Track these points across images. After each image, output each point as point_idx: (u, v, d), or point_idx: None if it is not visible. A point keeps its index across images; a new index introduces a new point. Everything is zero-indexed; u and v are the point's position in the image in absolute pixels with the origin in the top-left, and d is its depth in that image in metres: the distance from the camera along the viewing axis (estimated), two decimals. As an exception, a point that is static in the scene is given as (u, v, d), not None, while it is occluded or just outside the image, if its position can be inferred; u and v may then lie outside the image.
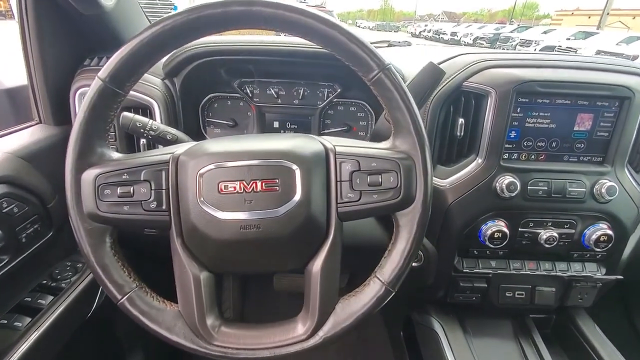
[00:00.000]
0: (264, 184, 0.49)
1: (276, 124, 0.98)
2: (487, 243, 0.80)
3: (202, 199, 0.49)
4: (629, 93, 0.74)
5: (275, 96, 0.94)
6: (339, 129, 0.97)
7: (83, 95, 0.77)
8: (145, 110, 0.82)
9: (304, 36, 0.49)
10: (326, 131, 0.98)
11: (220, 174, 0.49)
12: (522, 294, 0.89)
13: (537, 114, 0.77)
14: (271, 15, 0.46)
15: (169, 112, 0.83)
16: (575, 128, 0.78)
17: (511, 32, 17.52)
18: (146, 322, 0.50)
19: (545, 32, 15.30)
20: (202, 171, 0.49)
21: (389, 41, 1.43)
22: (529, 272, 0.87)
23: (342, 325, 0.51)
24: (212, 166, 0.49)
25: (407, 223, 0.52)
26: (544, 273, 0.87)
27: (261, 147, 0.51)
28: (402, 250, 0.51)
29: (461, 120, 0.78)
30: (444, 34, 23.07)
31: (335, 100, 0.93)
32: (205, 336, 0.50)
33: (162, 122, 0.82)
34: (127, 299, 0.50)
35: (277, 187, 0.49)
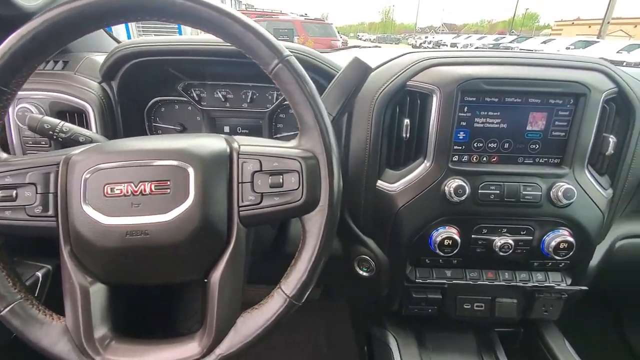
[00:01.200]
0: (153, 185, 0.45)
1: (227, 129, 0.95)
2: (438, 251, 0.75)
3: (86, 202, 0.45)
4: (583, 89, 0.70)
5: (223, 100, 0.91)
6: (292, 132, 0.94)
7: None
8: (80, 114, 0.79)
9: (196, 25, 0.45)
10: (278, 135, 0.95)
11: (107, 175, 0.45)
12: (481, 306, 0.83)
13: (485, 113, 0.73)
14: (160, 5, 0.43)
15: (106, 116, 0.80)
16: (528, 128, 0.74)
17: (511, 42, 17.63)
18: (27, 335, 0.45)
19: (544, 42, 15.37)
20: (87, 172, 0.45)
21: (358, 46, 1.42)
22: (487, 283, 0.81)
23: (242, 343, 0.46)
24: (98, 167, 0.45)
25: (313, 228, 0.47)
26: (504, 283, 0.81)
27: (153, 146, 0.47)
28: (307, 259, 0.47)
29: (407, 121, 0.74)
30: (444, 45, 23.30)
31: (285, 103, 0.90)
32: (90, 352, 0.46)
33: (98, 127, 0.79)
34: (9, 310, 0.46)
35: (169, 190, 0.45)
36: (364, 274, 0.86)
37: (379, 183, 0.78)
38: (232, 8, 0.45)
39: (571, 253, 0.75)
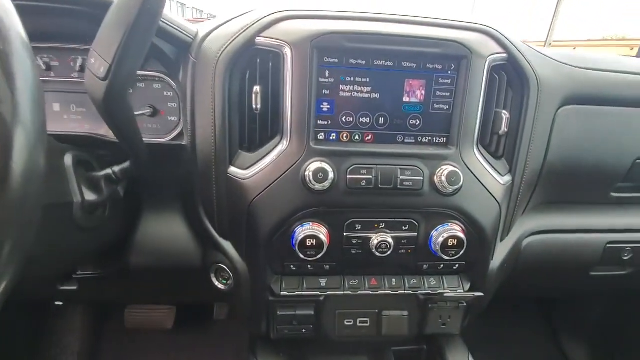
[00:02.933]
0: None
1: (56, 107, 0.74)
2: (300, 254, 0.59)
3: None
4: (464, 51, 0.58)
5: (45, 67, 0.71)
6: (142, 112, 0.75)
7: None
8: None
9: None
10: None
11: None
12: (366, 322, 0.68)
13: (352, 79, 0.59)
14: None
15: None
16: (405, 99, 0.60)
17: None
18: None
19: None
20: None
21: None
22: (370, 292, 0.66)
23: None
24: None
25: None
26: (390, 292, 0.66)
27: None
28: None
29: (256, 89, 0.58)
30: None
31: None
32: None
33: None
34: None
35: None
36: (222, 287, 0.68)
37: (231, 170, 0.61)
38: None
39: (463, 251, 0.62)
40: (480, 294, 0.63)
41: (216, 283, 0.68)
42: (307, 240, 0.58)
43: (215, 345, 1.30)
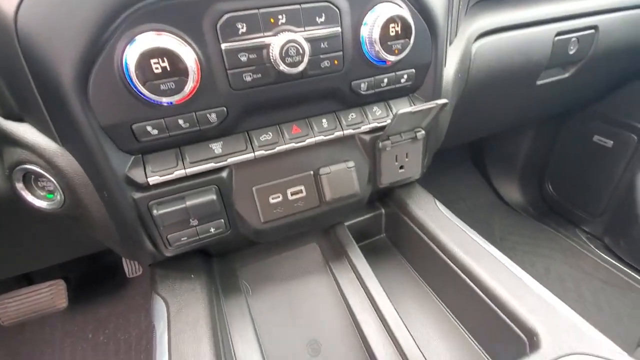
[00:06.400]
0: None
1: None
2: (148, 91, 0.32)
3: None
4: None
5: None
6: None
7: None
8: None
9: None
10: None
11: None
12: (300, 191, 0.46)
13: None
14: None
15: None
16: None
17: None
18: None
19: None
20: None
21: None
22: (293, 145, 0.43)
23: None
24: None
25: None
26: (322, 137, 0.44)
27: None
28: None
29: None
30: None
31: None
32: None
33: None
34: None
35: None
36: (48, 205, 0.40)
37: None
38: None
39: (410, 47, 0.41)
40: (445, 100, 0.45)
41: (34, 202, 0.39)
42: (152, 60, 0.31)
43: (132, 309, 1.04)
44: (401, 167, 0.52)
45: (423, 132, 0.50)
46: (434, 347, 0.48)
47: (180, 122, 0.36)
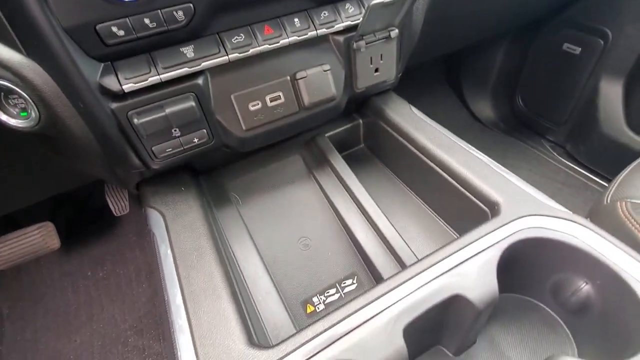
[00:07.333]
0: None
1: None
2: None
3: None
4: None
5: None
6: None
7: None
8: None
9: None
10: None
11: None
12: (279, 96, 0.47)
13: None
14: None
15: None
16: None
17: None
18: None
19: None
20: None
21: None
22: (267, 46, 0.42)
23: None
24: None
25: None
26: (296, 38, 0.44)
27: None
28: None
29: None
30: None
31: None
32: None
33: None
34: None
35: None
36: (22, 123, 0.39)
37: None
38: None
39: None
40: None
41: (9, 121, 0.38)
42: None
43: (127, 246, 1.08)
44: (376, 70, 0.53)
45: (397, 30, 0.50)
46: (411, 232, 0.54)
47: (146, 21, 0.35)
